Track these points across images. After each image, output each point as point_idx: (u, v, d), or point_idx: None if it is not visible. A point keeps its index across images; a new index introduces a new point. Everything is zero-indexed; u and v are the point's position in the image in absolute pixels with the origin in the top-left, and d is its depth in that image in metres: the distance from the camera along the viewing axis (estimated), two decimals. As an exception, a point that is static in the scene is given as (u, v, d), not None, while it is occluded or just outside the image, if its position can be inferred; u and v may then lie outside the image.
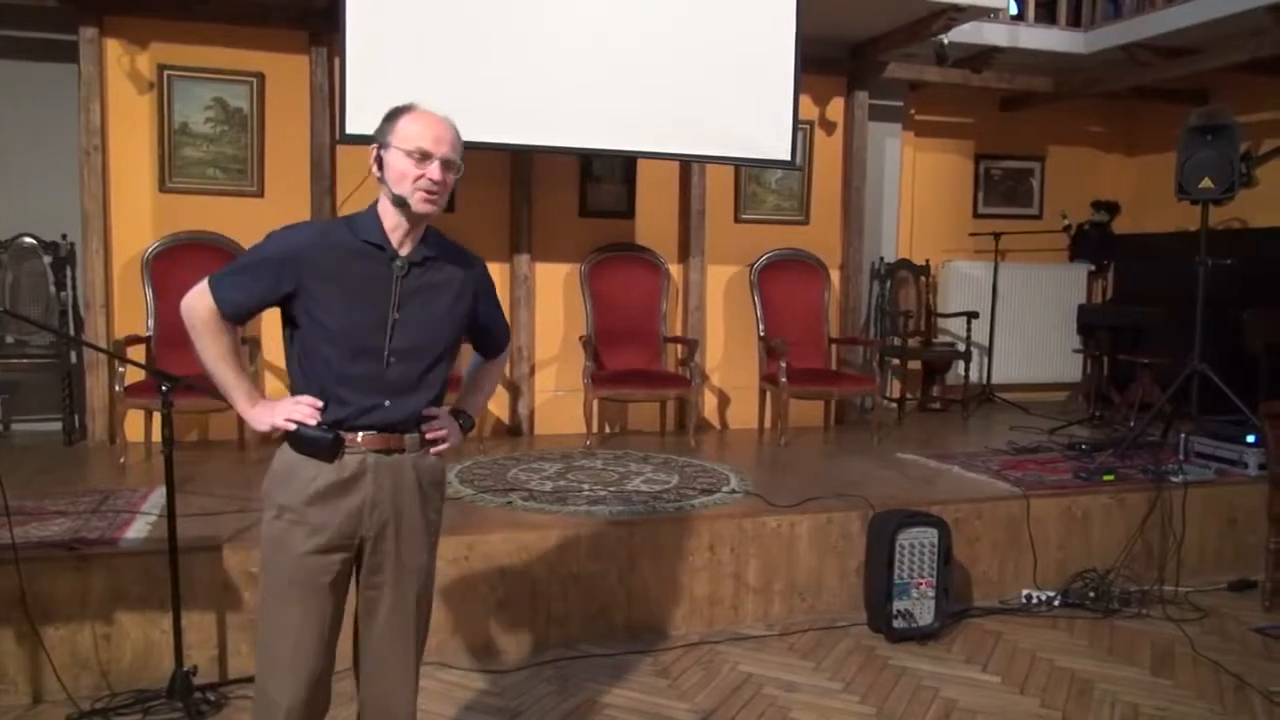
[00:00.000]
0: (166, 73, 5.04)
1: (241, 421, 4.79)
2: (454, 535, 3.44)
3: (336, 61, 4.66)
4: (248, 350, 4.94)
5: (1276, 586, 4.09)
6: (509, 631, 3.49)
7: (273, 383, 5.12)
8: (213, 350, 1.98)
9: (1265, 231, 6.26)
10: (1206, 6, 5.69)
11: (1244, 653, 3.63)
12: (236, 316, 1.99)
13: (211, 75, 5.11)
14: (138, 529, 3.33)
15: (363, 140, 4.53)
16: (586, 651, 3.47)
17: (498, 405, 5.55)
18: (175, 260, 4.97)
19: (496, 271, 5.47)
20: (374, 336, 1.96)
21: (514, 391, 5.57)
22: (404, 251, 1.98)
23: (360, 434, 1.98)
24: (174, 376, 2.83)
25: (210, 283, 1.97)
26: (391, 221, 1.98)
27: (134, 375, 4.46)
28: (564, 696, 3.12)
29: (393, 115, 1.99)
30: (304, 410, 1.95)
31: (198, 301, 1.97)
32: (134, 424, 4.66)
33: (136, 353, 4.69)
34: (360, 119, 4.47)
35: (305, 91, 5.18)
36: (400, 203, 1.94)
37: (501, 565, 3.47)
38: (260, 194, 5.21)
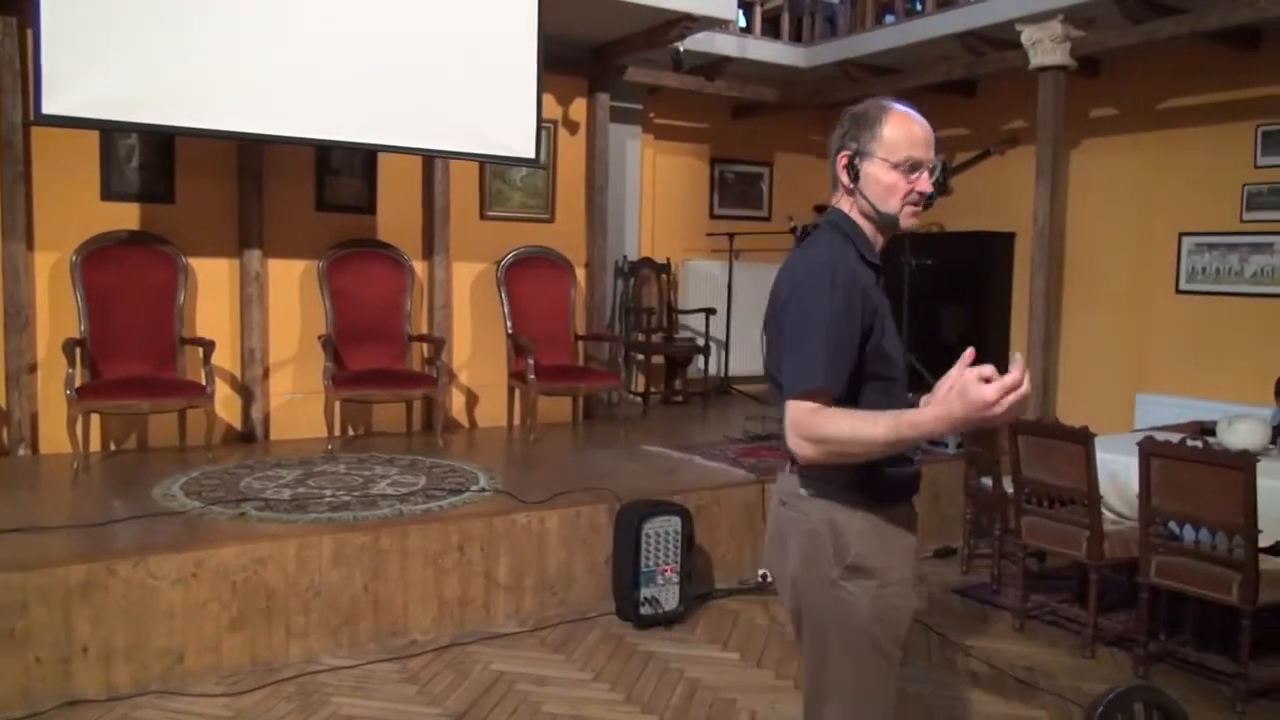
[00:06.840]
0: None
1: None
2: (179, 552, 3.21)
3: (29, 32, 4.18)
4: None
5: (972, 552, 4.59)
6: (244, 651, 3.28)
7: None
8: (863, 430, 1.55)
9: (960, 235, 7.01)
10: (905, 31, 6.32)
11: (946, 613, 4.05)
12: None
13: None
14: None
15: (61, 122, 4.17)
16: (329, 665, 3.33)
17: (227, 410, 5.19)
18: None
19: (224, 267, 5.18)
20: (901, 364, 1.76)
21: (246, 395, 5.23)
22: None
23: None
24: None
25: (810, 387, 1.60)
26: (869, 234, 1.79)
27: None
28: (306, 713, 2.99)
29: (868, 120, 1.77)
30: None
31: (810, 420, 1.58)
32: None
33: None
34: (59, 97, 4.04)
35: (-9, 64, 4.60)
36: (890, 221, 1.76)
37: (234, 580, 3.26)
38: (-65, 178, 4.57)
